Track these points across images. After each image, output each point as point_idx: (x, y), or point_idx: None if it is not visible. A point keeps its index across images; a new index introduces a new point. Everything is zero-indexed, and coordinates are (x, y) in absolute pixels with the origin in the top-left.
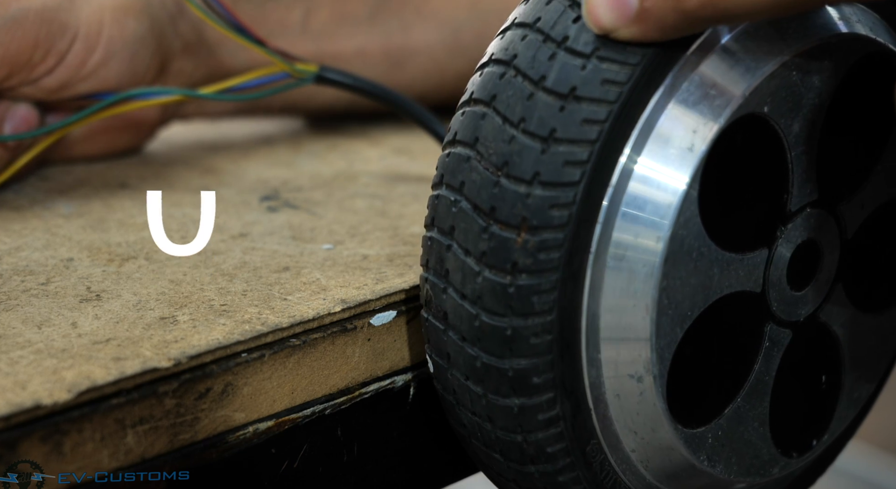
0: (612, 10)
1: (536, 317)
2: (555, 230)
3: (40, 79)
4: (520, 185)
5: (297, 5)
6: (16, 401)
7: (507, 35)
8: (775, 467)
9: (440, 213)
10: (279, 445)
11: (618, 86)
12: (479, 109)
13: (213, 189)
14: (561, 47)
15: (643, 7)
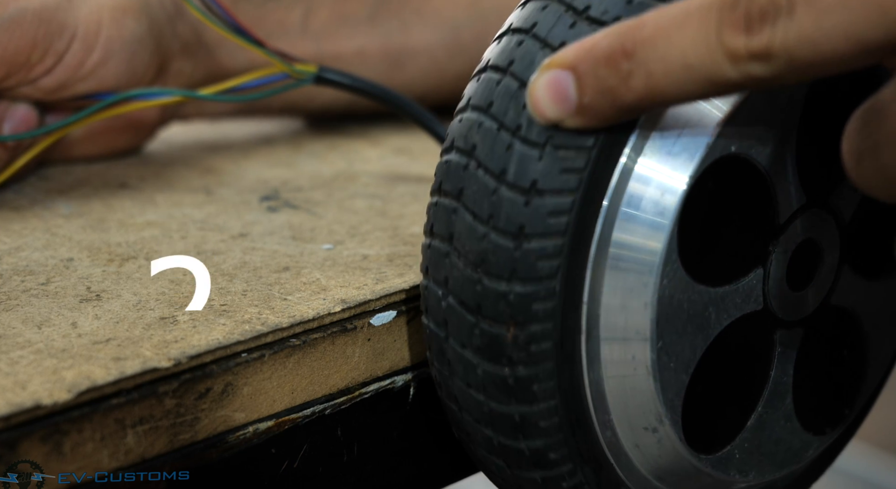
0: (554, 104)
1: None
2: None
3: (39, 79)
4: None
5: (297, 6)
6: (16, 401)
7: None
8: (809, 449)
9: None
10: (279, 445)
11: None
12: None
13: (213, 189)
14: None
15: (582, 103)
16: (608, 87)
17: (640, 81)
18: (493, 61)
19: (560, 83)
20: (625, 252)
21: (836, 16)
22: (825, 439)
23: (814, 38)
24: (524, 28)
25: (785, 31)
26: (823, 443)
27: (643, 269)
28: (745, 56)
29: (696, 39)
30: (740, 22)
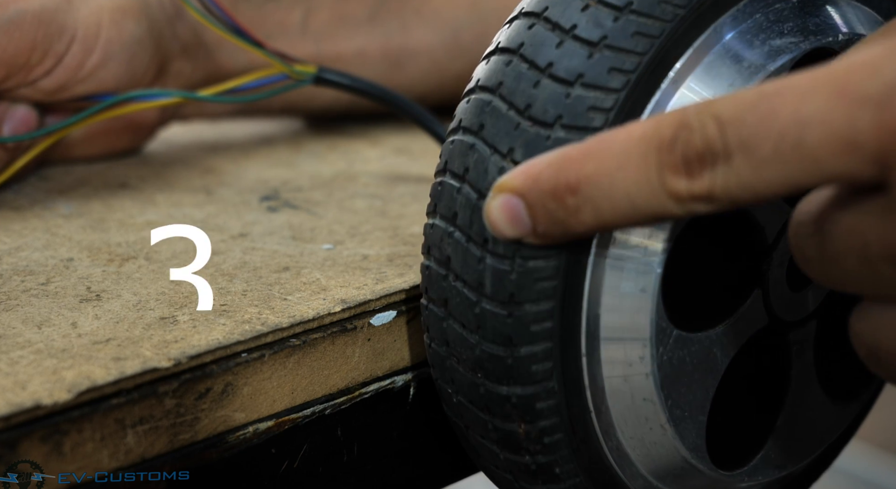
0: (511, 226)
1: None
2: None
3: (38, 80)
4: None
5: (297, 7)
6: (16, 401)
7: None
8: (845, 420)
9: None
10: (279, 445)
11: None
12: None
13: (213, 189)
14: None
15: (536, 230)
16: (558, 219)
17: (589, 216)
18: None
19: (513, 208)
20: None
21: (773, 167)
22: (858, 403)
23: (753, 184)
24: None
25: (725, 177)
26: (857, 407)
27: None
28: (688, 198)
29: (639, 181)
30: (679, 165)
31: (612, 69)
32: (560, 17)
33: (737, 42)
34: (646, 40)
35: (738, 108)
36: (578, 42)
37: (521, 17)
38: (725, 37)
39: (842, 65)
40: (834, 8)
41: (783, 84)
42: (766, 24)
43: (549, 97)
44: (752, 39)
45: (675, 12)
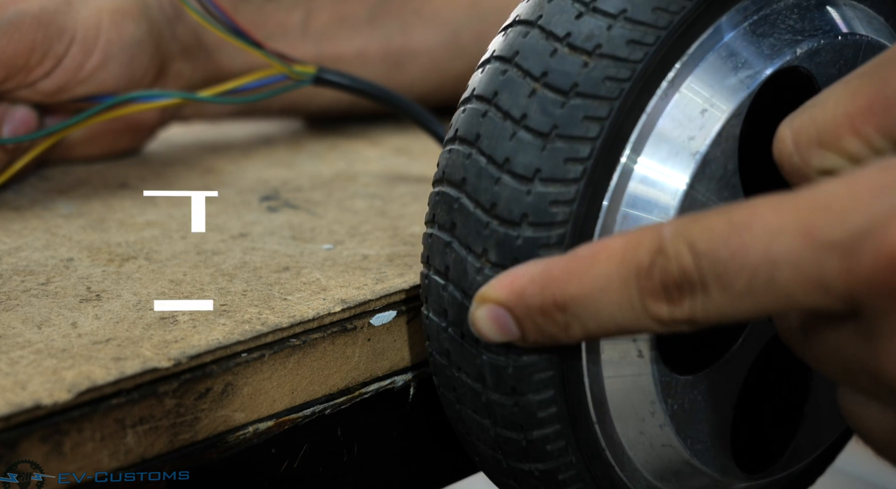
0: (499, 333)
1: None
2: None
3: (37, 82)
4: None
5: (297, 7)
6: (16, 401)
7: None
8: None
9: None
10: (279, 445)
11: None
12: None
13: (214, 189)
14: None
15: (526, 339)
16: (548, 332)
17: (578, 330)
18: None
19: (500, 319)
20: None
21: (748, 300)
22: None
23: (731, 313)
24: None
25: (704, 305)
26: None
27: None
28: (670, 321)
29: (622, 305)
30: (659, 292)
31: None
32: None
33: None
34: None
35: (710, 241)
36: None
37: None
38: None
39: (806, 201)
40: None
41: (751, 215)
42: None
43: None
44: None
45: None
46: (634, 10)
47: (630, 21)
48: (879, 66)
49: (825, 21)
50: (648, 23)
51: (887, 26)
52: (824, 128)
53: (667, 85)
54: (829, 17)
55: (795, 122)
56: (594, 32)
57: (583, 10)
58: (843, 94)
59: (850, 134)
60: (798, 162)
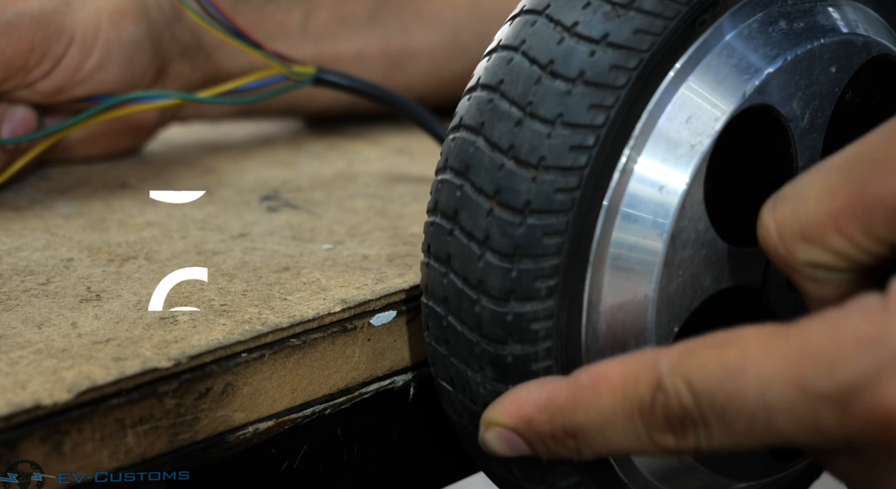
0: (511, 452)
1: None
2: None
3: (36, 82)
4: None
5: (297, 8)
6: (16, 401)
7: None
8: None
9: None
10: (279, 445)
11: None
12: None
13: (213, 189)
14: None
15: (538, 456)
16: (560, 453)
17: (589, 453)
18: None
19: (511, 440)
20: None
21: (749, 438)
22: None
23: (734, 446)
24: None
25: (708, 439)
26: None
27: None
28: (677, 451)
29: (629, 435)
30: (664, 426)
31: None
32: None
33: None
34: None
35: (706, 382)
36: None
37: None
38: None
39: (795, 349)
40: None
41: (743, 360)
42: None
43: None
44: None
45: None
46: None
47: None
48: (858, 163)
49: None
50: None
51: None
52: (807, 224)
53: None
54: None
55: (778, 212)
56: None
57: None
58: (824, 191)
59: (834, 232)
60: (784, 254)
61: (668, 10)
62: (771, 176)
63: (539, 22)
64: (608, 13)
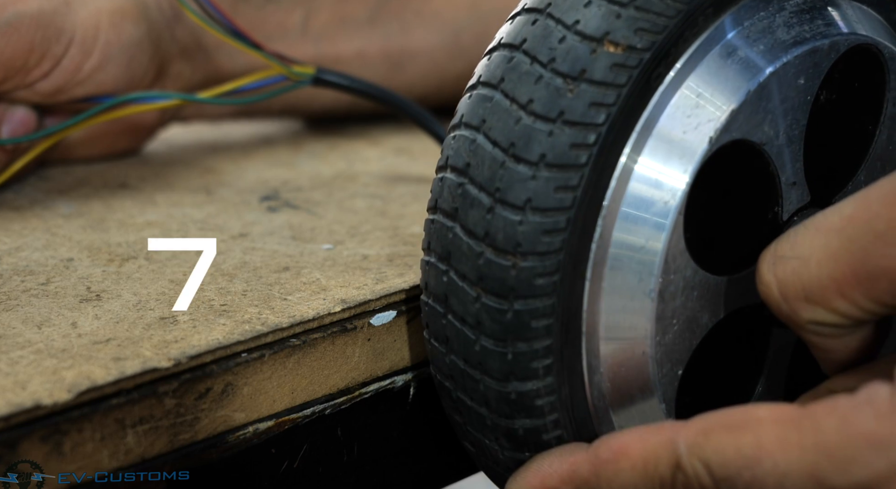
0: None
1: None
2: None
3: (36, 83)
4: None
5: (297, 8)
6: (16, 401)
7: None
8: None
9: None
10: (279, 445)
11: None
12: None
13: (213, 189)
14: None
15: None
16: None
17: None
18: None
19: None
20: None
21: None
22: None
23: None
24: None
25: None
26: None
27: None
28: None
29: None
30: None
31: None
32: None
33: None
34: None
35: (725, 467)
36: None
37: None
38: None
39: (810, 441)
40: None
41: (759, 449)
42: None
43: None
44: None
45: (678, 8)
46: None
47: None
48: (859, 231)
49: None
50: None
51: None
52: (810, 287)
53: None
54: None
55: (779, 271)
56: None
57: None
58: (825, 256)
59: (838, 296)
60: (788, 312)
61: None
62: (754, 198)
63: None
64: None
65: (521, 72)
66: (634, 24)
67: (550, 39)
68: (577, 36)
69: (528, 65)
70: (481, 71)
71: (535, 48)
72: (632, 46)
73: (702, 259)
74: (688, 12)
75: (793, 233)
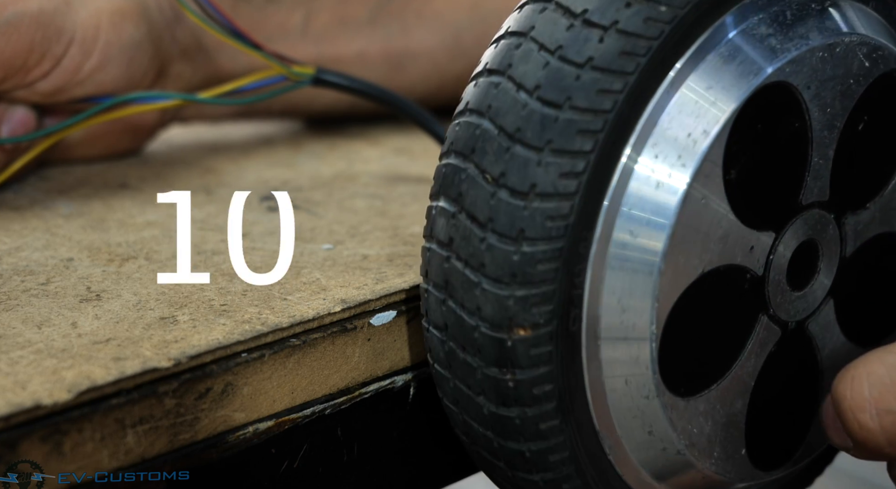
0: None
1: None
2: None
3: (36, 82)
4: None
5: (298, 9)
6: (16, 401)
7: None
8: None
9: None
10: (279, 445)
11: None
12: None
13: (213, 189)
14: None
15: None
16: None
17: None
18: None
19: None
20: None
21: None
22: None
23: None
24: None
25: None
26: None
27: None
28: None
29: None
30: None
31: None
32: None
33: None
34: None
35: None
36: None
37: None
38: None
39: None
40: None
41: None
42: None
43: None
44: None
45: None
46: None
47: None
48: None
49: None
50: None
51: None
52: None
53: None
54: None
55: (885, 423)
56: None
57: None
58: None
59: None
60: (891, 454)
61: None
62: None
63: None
64: None
65: (530, 58)
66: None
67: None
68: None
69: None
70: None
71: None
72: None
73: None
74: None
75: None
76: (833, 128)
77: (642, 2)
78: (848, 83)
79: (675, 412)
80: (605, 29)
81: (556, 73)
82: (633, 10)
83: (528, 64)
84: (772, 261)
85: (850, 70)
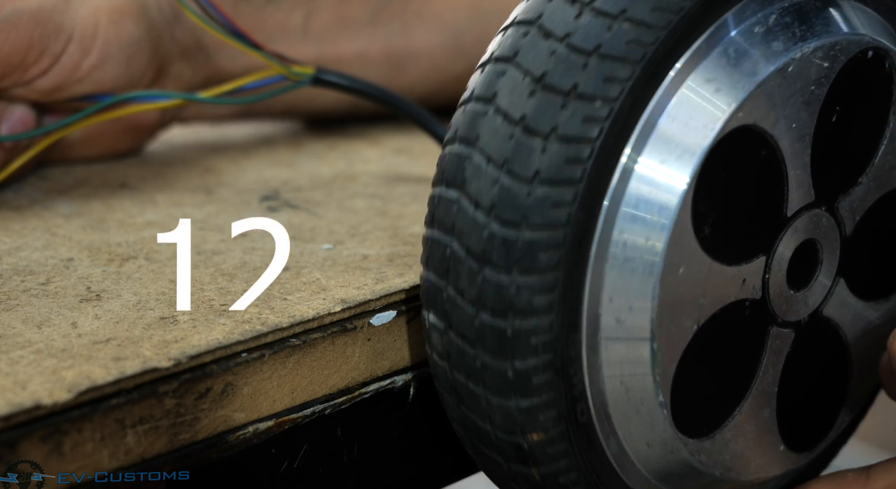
0: None
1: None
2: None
3: (34, 80)
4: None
5: (298, 9)
6: (16, 401)
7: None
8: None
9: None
10: (279, 445)
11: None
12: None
13: (213, 189)
14: None
15: None
16: None
17: None
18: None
19: None
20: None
21: None
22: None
23: None
24: None
25: None
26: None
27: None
28: None
29: None
30: None
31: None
32: None
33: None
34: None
35: None
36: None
37: None
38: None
39: None
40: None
41: None
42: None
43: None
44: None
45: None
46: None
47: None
48: None
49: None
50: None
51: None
52: None
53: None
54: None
55: None
56: None
57: None
58: None
59: None
60: None
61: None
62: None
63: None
64: None
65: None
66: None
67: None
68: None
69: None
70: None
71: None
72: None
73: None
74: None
75: None
76: (804, 136)
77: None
78: (809, 90)
79: (702, 454)
80: None
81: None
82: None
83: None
84: (768, 279)
85: (809, 78)
